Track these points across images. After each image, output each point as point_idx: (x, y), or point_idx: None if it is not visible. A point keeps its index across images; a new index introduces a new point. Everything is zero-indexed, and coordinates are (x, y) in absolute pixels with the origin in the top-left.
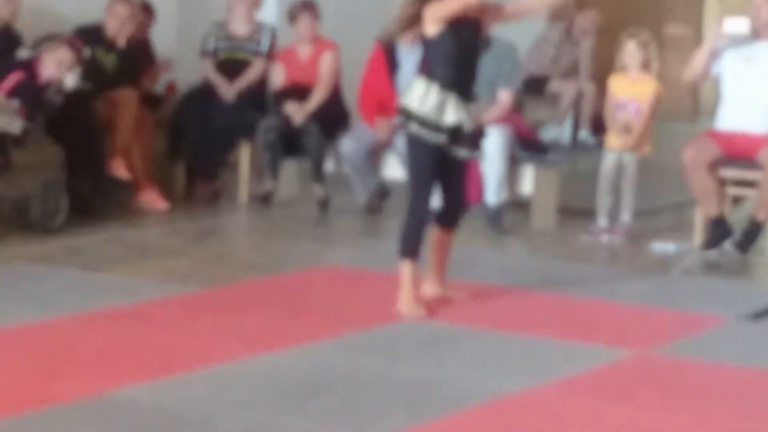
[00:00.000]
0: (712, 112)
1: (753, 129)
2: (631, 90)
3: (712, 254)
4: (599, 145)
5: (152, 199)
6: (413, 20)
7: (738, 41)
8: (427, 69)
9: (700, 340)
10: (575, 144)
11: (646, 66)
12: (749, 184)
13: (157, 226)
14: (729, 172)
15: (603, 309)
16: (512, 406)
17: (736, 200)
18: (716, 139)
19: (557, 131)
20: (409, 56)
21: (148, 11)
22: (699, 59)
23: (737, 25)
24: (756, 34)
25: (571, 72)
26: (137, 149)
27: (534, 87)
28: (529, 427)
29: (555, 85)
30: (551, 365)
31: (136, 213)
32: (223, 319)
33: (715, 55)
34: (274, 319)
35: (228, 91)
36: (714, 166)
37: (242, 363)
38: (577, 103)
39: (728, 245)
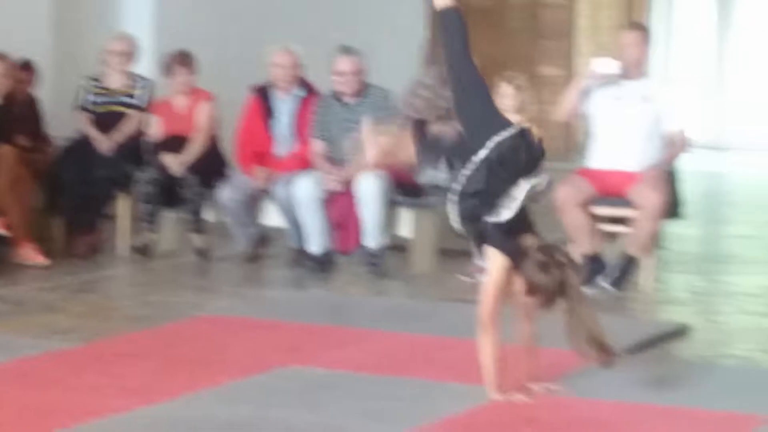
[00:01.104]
0: (584, 150)
1: (623, 167)
2: None
3: (588, 291)
4: None
5: (30, 255)
6: None
7: (607, 81)
8: None
9: (577, 377)
10: None
11: (521, 108)
12: (622, 221)
13: (36, 282)
14: (601, 210)
15: None
16: None
17: (610, 237)
18: (588, 178)
19: (435, 174)
20: (283, 104)
21: (29, 68)
22: (568, 98)
23: (606, 65)
24: (623, 75)
25: (448, 115)
26: (15, 205)
27: (411, 131)
28: None
29: (432, 129)
30: (435, 407)
31: (14, 269)
32: (104, 374)
33: (584, 94)
34: (154, 372)
35: (104, 143)
36: (586, 204)
37: (121, 417)
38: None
39: (603, 281)
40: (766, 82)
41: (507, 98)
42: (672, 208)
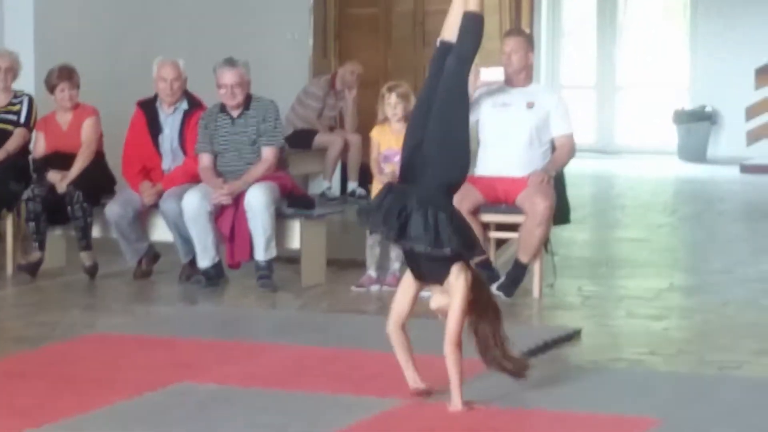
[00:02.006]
0: (473, 158)
1: (511, 173)
2: (396, 142)
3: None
4: (368, 196)
5: None
6: None
7: (493, 89)
8: None
9: (475, 385)
10: (345, 196)
11: (407, 118)
12: (511, 227)
13: None
14: (491, 217)
15: (376, 360)
16: None
17: (500, 244)
18: (477, 185)
19: (326, 184)
20: (169, 118)
21: None
22: None
23: (493, 74)
24: (509, 82)
25: (337, 125)
26: None
27: (300, 141)
28: None
29: (321, 139)
30: (328, 419)
31: None
32: None
33: (472, 103)
34: (44, 392)
35: None
36: (476, 211)
37: None
38: (344, 156)
39: (494, 288)
40: (654, 86)
41: (395, 108)
42: (560, 213)
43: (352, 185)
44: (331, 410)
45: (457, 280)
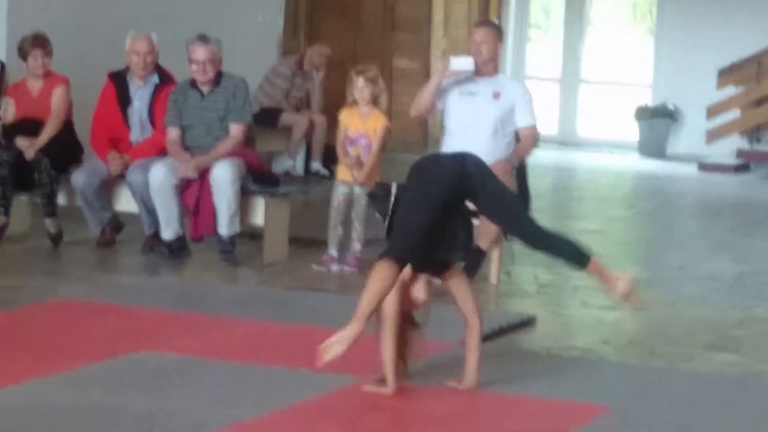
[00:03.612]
0: (440, 143)
1: None
2: (362, 125)
3: (437, 281)
4: (332, 177)
5: None
6: None
7: (462, 78)
8: None
9: (427, 365)
10: (308, 175)
11: (375, 101)
12: (473, 213)
13: None
14: None
15: None
16: None
17: None
18: None
19: (290, 163)
20: (139, 91)
21: None
22: (425, 96)
23: (463, 63)
24: (477, 72)
25: (303, 105)
26: None
27: (266, 119)
28: None
29: (287, 118)
30: (285, 393)
31: None
32: None
33: (440, 91)
34: (4, 355)
35: None
36: None
37: None
38: (309, 136)
39: None
40: (618, 82)
41: (362, 91)
42: (521, 202)
43: (316, 165)
44: (288, 384)
45: (459, 271)
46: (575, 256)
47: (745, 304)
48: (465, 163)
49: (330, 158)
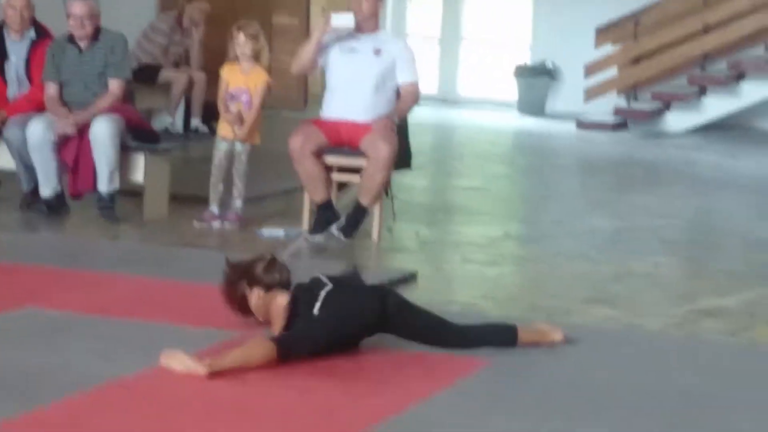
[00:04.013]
0: (320, 101)
1: (356, 118)
2: (244, 81)
3: (319, 238)
4: (212, 134)
5: None
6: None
7: (343, 34)
8: None
9: None
10: (187, 132)
11: (256, 57)
12: (354, 170)
13: None
14: (334, 159)
15: (216, 294)
16: (125, 389)
17: (342, 186)
18: (321, 127)
19: (169, 120)
20: (16, 46)
21: None
22: (306, 52)
23: (343, 19)
24: (357, 28)
25: (182, 61)
26: None
27: (145, 76)
28: (143, 409)
29: (166, 75)
30: (165, 349)
31: None
32: None
33: (321, 48)
34: None
35: None
36: (320, 153)
37: None
38: (188, 92)
39: (334, 230)
40: (498, 41)
41: (243, 47)
42: (402, 159)
43: (195, 122)
44: (169, 340)
45: None
46: (504, 338)
47: (622, 260)
48: (386, 304)
49: (209, 115)
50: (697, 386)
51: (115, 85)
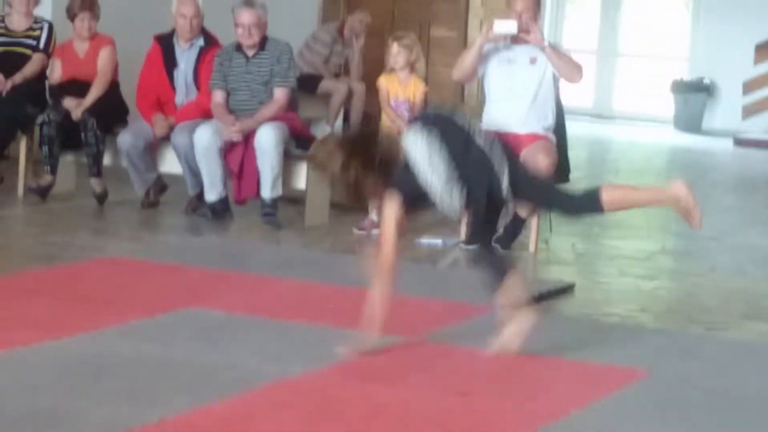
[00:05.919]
0: (477, 113)
1: (515, 129)
2: (402, 91)
3: (475, 248)
4: None
5: None
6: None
7: (505, 42)
8: None
9: (466, 328)
10: None
11: (411, 67)
12: None
13: None
14: None
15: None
16: (292, 389)
17: None
18: None
19: (328, 129)
20: (185, 54)
21: None
22: (468, 58)
23: (506, 25)
24: (514, 39)
25: (342, 72)
26: None
27: (305, 86)
28: (309, 409)
29: (326, 85)
30: (328, 351)
31: None
32: (8, 308)
33: (483, 56)
34: (58, 308)
35: (2, 84)
36: None
37: (29, 349)
38: (347, 103)
39: (493, 241)
40: (655, 56)
41: (396, 57)
42: (560, 173)
43: None
44: (332, 342)
45: None
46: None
47: None
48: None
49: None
50: None
51: (280, 94)
